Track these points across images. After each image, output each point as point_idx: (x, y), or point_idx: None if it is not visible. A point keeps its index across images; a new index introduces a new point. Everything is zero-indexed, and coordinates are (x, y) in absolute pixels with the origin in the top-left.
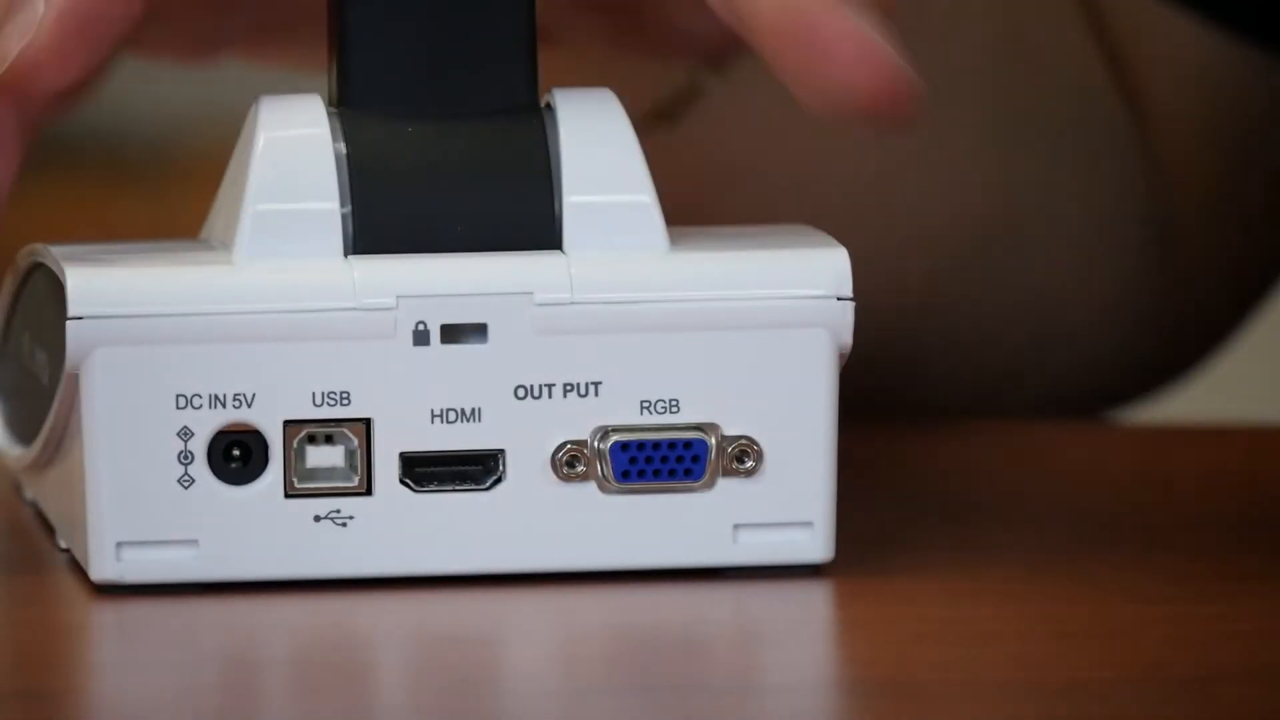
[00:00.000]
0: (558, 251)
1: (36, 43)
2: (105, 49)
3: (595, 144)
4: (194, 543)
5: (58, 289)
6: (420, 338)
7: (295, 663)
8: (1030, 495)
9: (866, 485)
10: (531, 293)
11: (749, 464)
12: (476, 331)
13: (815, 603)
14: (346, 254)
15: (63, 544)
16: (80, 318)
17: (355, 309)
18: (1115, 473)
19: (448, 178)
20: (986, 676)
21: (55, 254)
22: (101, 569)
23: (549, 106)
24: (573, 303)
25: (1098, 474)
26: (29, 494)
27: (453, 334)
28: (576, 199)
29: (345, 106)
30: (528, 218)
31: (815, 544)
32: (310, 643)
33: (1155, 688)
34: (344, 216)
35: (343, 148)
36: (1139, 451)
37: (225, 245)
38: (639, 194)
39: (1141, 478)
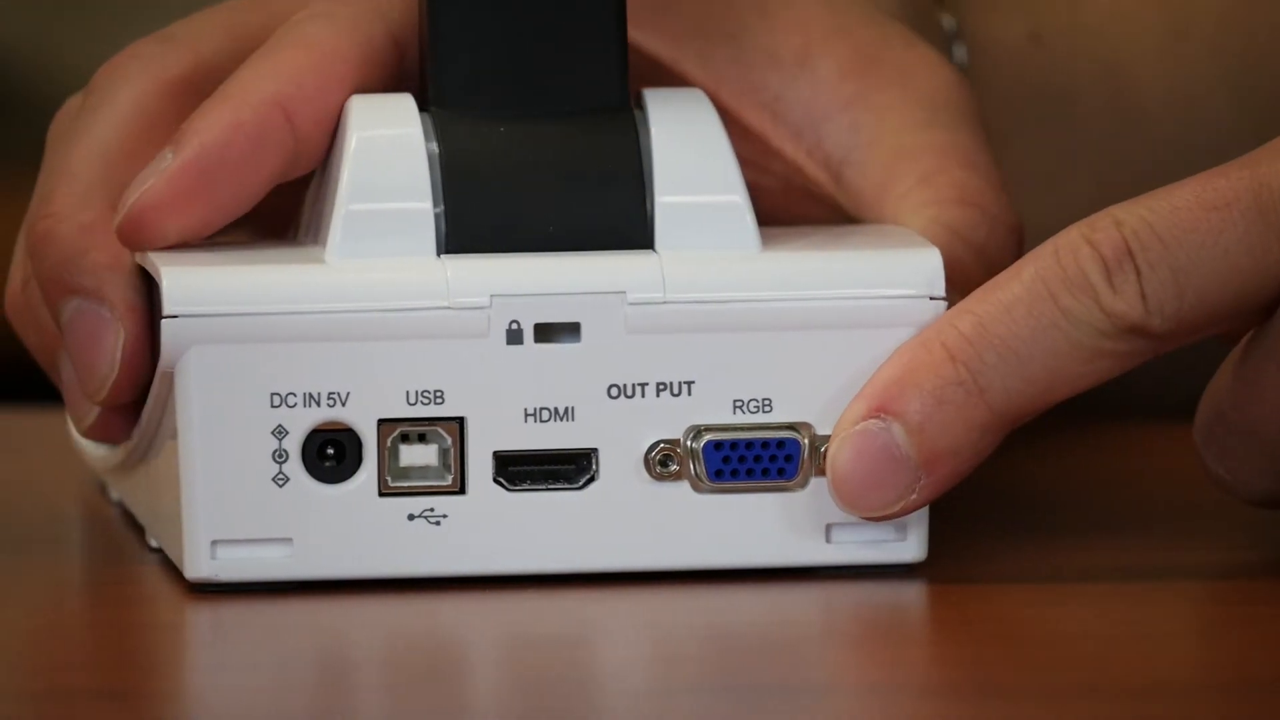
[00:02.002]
0: (650, 251)
1: (152, 192)
2: (230, 200)
3: (687, 144)
4: (288, 541)
5: (153, 289)
6: (514, 337)
7: (387, 663)
8: (1110, 495)
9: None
10: (624, 292)
11: None
12: (569, 331)
13: (900, 604)
14: (439, 253)
15: (153, 543)
16: (175, 316)
17: (449, 308)
18: (1193, 473)
19: (540, 177)
20: (1066, 678)
21: (150, 255)
22: (196, 568)
23: (639, 106)
24: (665, 302)
25: (1176, 474)
26: (115, 494)
27: (546, 333)
28: (669, 199)
29: (436, 107)
30: (620, 217)
31: (908, 544)
32: (402, 643)
33: (1236, 689)
34: (437, 216)
35: (435, 147)
36: None
37: (318, 245)
38: (731, 194)
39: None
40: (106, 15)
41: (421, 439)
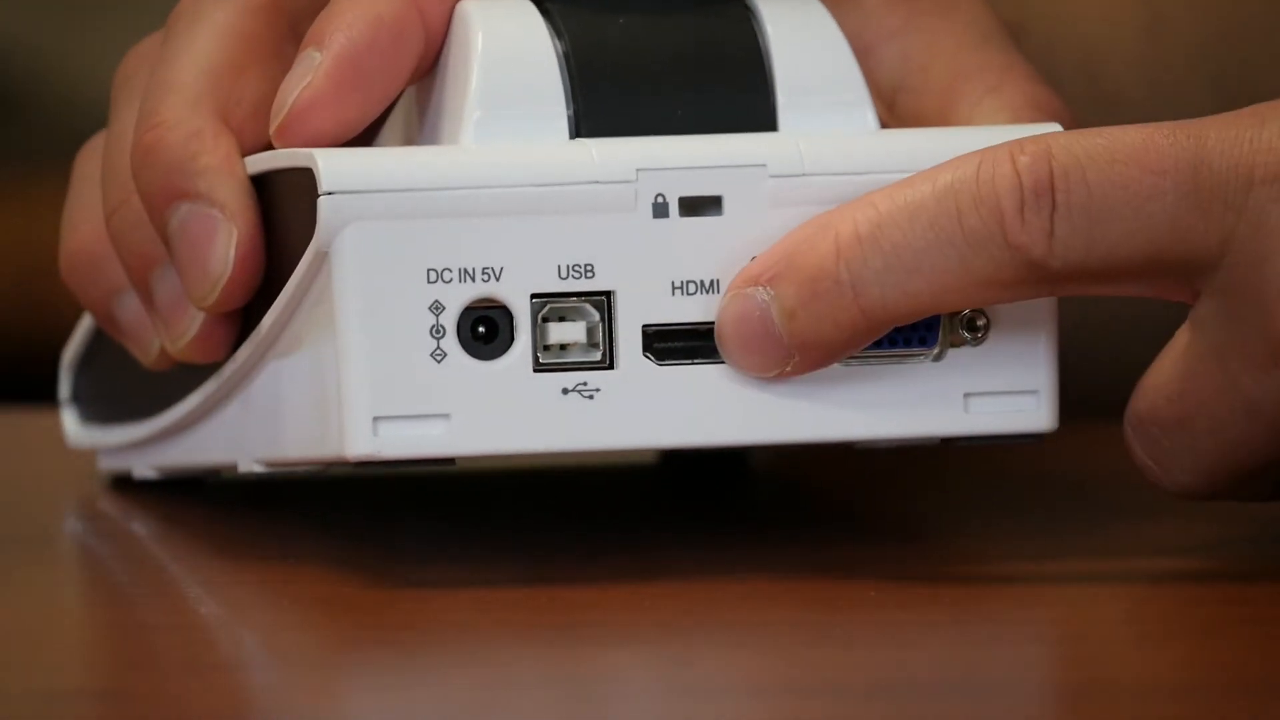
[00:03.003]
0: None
1: (312, 88)
2: (379, 96)
3: (802, 31)
4: (446, 417)
5: (269, 193)
6: (659, 210)
7: (381, 660)
8: (1108, 495)
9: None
10: (765, 165)
11: (978, 334)
12: (712, 204)
13: (896, 603)
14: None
15: (257, 468)
16: (332, 193)
17: (597, 182)
18: None
19: (664, 67)
20: (1062, 678)
21: (286, 151)
22: (357, 444)
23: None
24: (804, 174)
25: None
26: (140, 473)
27: (690, 206)
28: (791, 82)
29: (551, 2)
30: (745, 103)
31: (1041, 412)
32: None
33: (1234, 690)
34: (567, 106)
35: (559, 42)
36: None
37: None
38: (848, 77)
39: None
40: (107, 17)
41: (567, 317)
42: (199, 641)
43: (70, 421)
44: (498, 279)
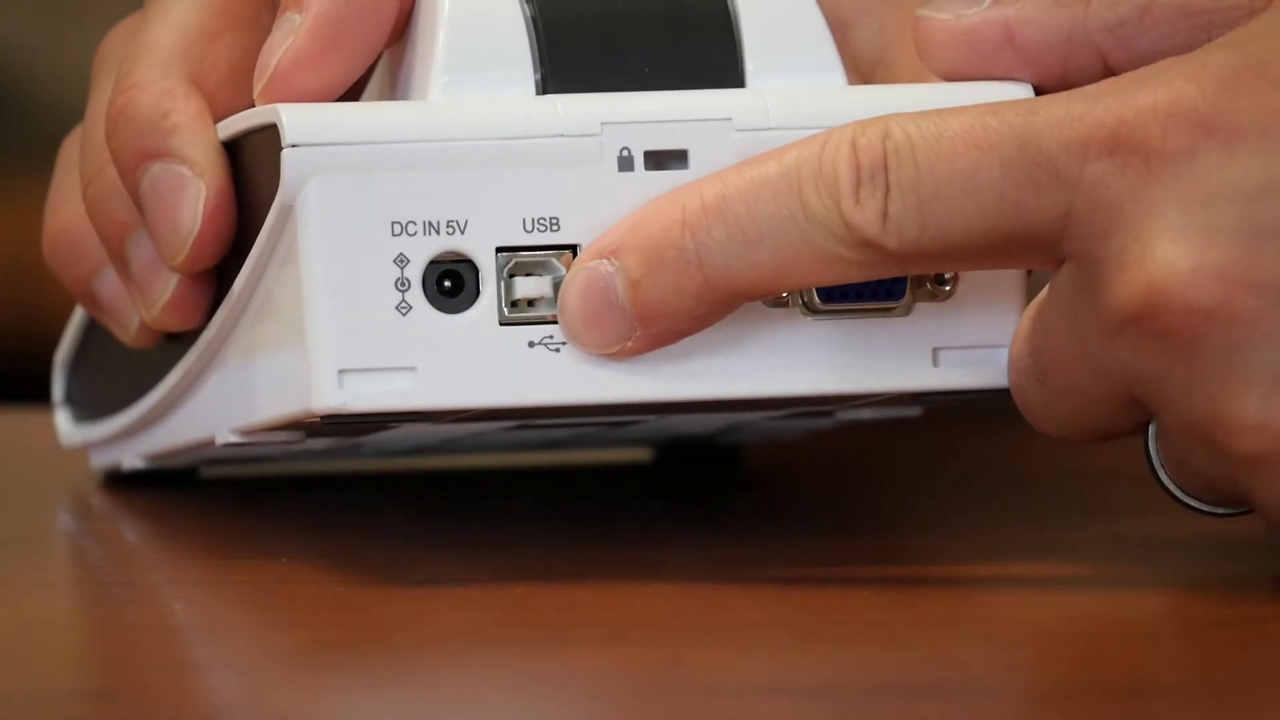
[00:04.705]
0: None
1: (294, 48)
2: (360, 54)
3: None
4: (412, 370)
5: (240, 156)
6: (624, 164)
7: (373, 660)
8: (1103, 494)
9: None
10: (730, 119)
11: (946, 288)
12: (678, 158)
13: (892, 603)
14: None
15: (233, 438)
16: (296, 145)
17: (562, 135)
18: None
19: (632, 27)
20: (1053, 678)
21: (253, 109)
22: (324, 397)
23: None
24: (770, 128)
25: None
26: (129, 464)
27: (656, 160)
28: (758, 40)
29: None
30: (712, 61)
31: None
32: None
33: (1225, 690)
34: (535, 67)
35: (528, 4)
36: None
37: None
38: (815, 31)
39: None
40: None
41: (533, 272)
42: (191, 641)
43: (64, 422)
44: (463, 232)
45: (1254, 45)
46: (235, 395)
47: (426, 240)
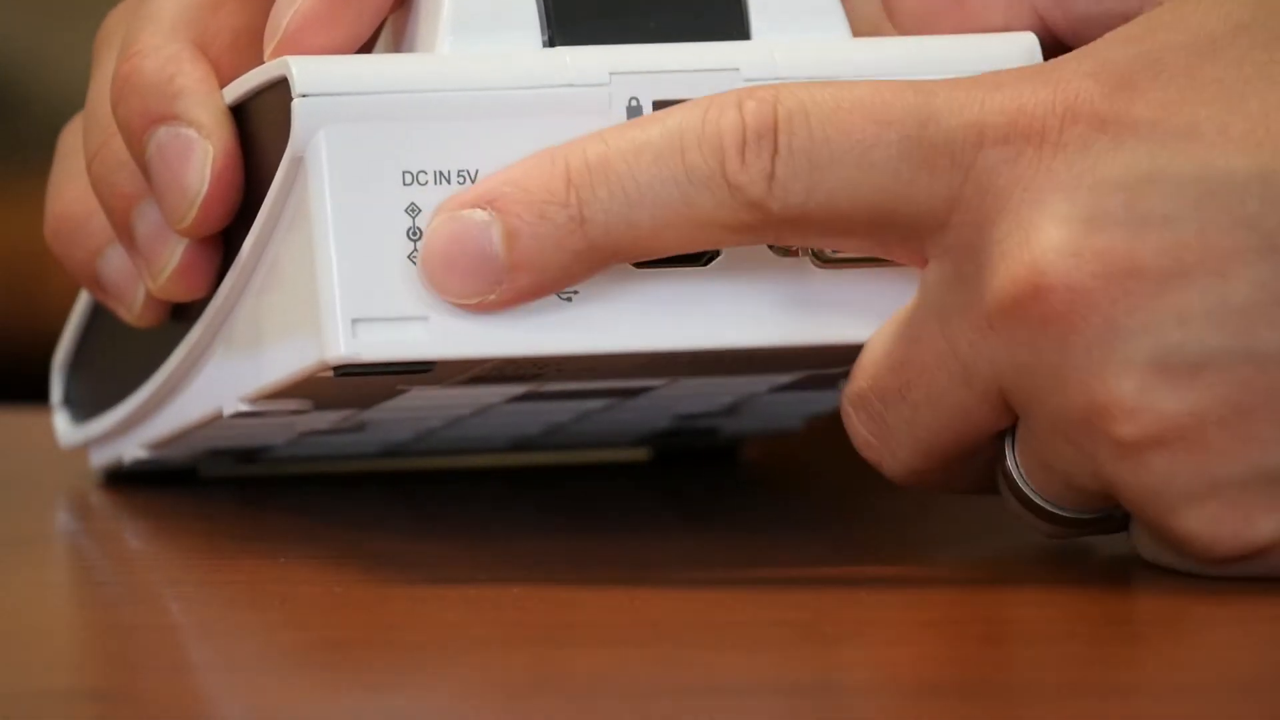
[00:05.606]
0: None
1: (304, 9)
2: (370, 13)
3: None
4: (424, 319)
5: (246, 119)
6: (633, 113)
7: (369, 660)
8: None
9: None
10: (738, 69)
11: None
12: None
13: (888, 603)
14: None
15: (242, 406)
16: (306, 95)
17: (572, 85)
18: None
19: None
20: (1051, 678)
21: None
22: (337, 347)
23: None
24: (777, 78)
25: None
26: (131, 455)
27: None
28: None
29: None
30: (718, 13)
31: None
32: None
33: (1221, 689)
34: (541, 26)
35: None
36: None
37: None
38: None
39: None
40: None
41: None
42: (189, 641)
43: (62, 423)
44: (473, 181)
45: (1151, 40)
46: (243, 364)
47: (437, 189)
